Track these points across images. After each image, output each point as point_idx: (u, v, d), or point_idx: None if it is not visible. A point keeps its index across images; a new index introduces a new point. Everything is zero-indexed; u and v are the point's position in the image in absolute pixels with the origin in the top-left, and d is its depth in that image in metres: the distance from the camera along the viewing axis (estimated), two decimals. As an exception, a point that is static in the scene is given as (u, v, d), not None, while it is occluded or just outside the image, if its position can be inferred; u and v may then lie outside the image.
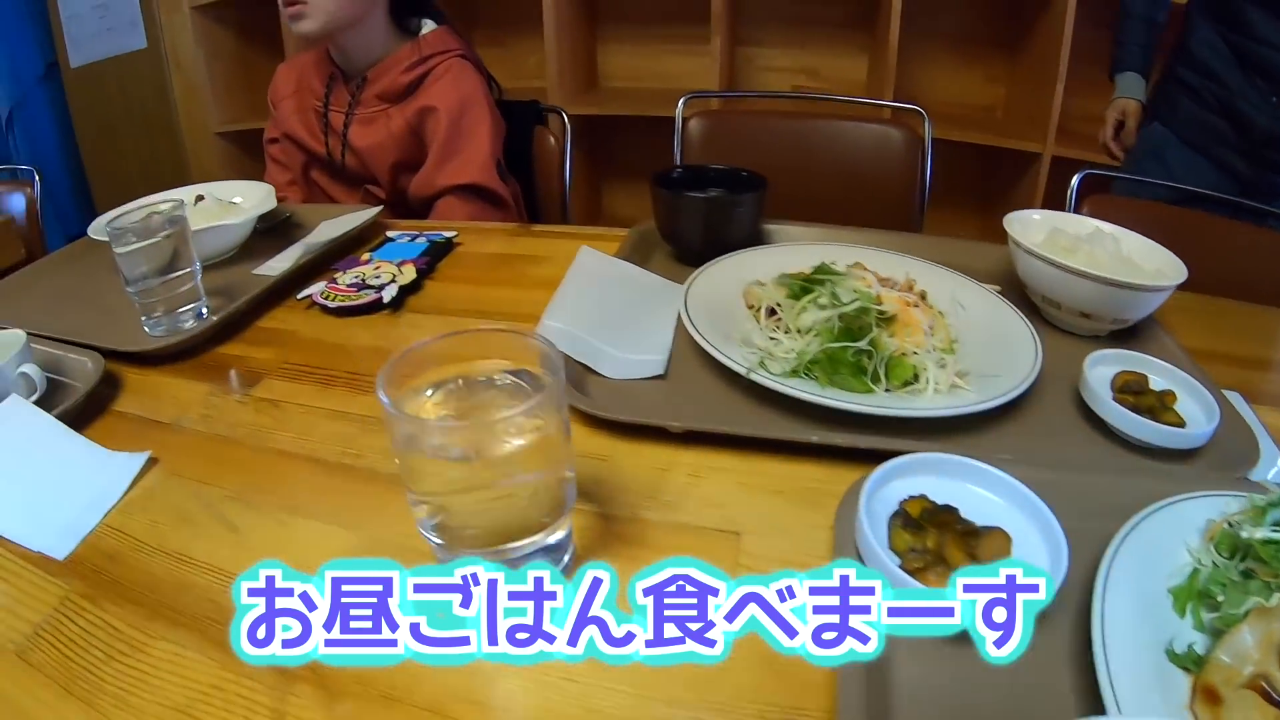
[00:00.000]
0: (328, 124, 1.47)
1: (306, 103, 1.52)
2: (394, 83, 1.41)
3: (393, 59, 1.42)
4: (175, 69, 3.40)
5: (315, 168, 1.56)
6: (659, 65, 3.14)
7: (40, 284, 1.19)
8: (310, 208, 1.37)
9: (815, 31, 3.00)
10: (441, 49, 1.43)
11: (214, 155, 3.52)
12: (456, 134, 1.40)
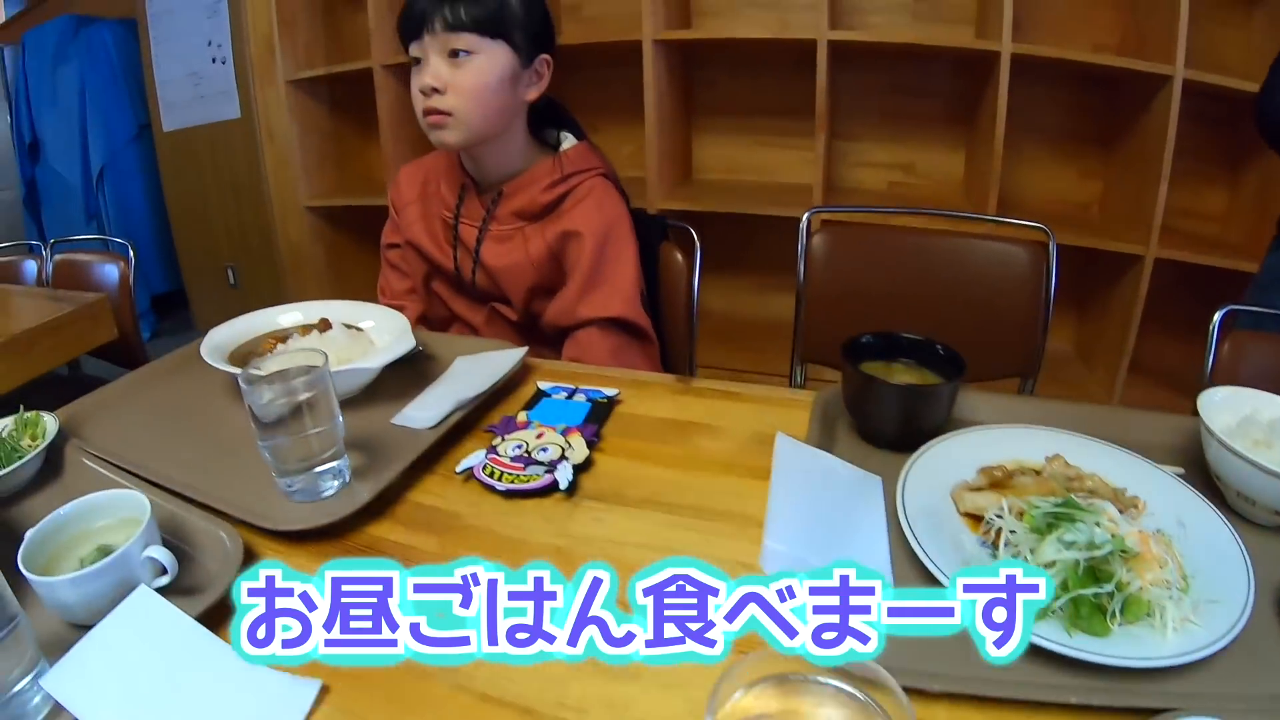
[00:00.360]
0: (457, 237, 1.37)
1: (433, 210, 1.41)
2: (533, 201, 1.31)
3: (531, 175, 1.32)
4: (267, 140, 3.42)
5: (438, 278, 1.46)
6: (754, 158, 3.07)
7: (148, 401, 1.10)
8: (442, 339, 1.27)
9: (912, 126, 2.91)
10: (583, 166, 1.33)
11: (302, 228, 3.51)
12: (600, 263, 1.30)
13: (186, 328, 4.19)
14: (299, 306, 1.26)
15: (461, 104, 1.20)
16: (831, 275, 1.68)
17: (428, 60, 1.19)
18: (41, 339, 1.77)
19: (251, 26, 3.33)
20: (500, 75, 1.21)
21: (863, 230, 1.79)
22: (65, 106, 4.06)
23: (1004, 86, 2.40)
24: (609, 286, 1.30)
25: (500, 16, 1.19)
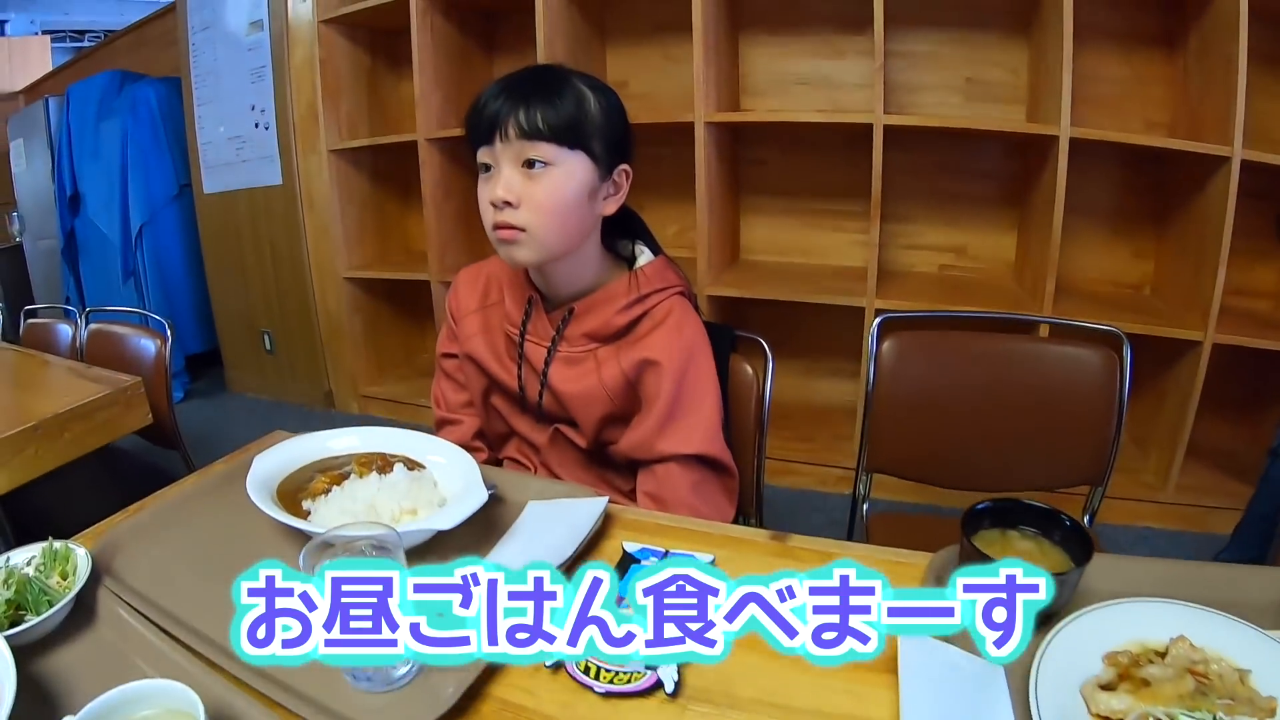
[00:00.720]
0: (523, 355, 1.26)
1: (495, 323, 1.30)
2: (607, 323, 1.19)
3: (606, 293, 1.20)
4: (308, 208, 3.38)
5: (499, 394, 1.34)
6: (802, 239, 3.00)
7: (189, 534, 0.99)
8: (512, 479, 1.15)
9: (963, 207, 2.83)
10: (661, 285, 1.21)
11: (340, 298, 3.46)
12: (681, 395, 1.18)
13: (220, 389, 4.15)
14: (354, 432, 1.15)
15: (536, 220, 1.08)
16: (899, 381, 1.58)
17: (499, 169, 1.07)
18: (72, 424, 1.68)
19: (295, 93, 3.31)
20: (578, 189, 1.10)
21: (932, 335, 1.70)
22: (107, 162, 4.04)
23: (1062, 172, 2.31)
24: (690, 420, 1.18)
25: (580, 125, 1.07)
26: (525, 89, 1.06)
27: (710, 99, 2.58)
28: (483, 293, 1.33)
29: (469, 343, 1.31)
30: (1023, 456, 1.58)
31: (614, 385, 1.18)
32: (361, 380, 3.56)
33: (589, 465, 1.27)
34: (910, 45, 2.72)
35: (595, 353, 1.20)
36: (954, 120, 2.57)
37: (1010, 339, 1.69)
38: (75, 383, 1.89)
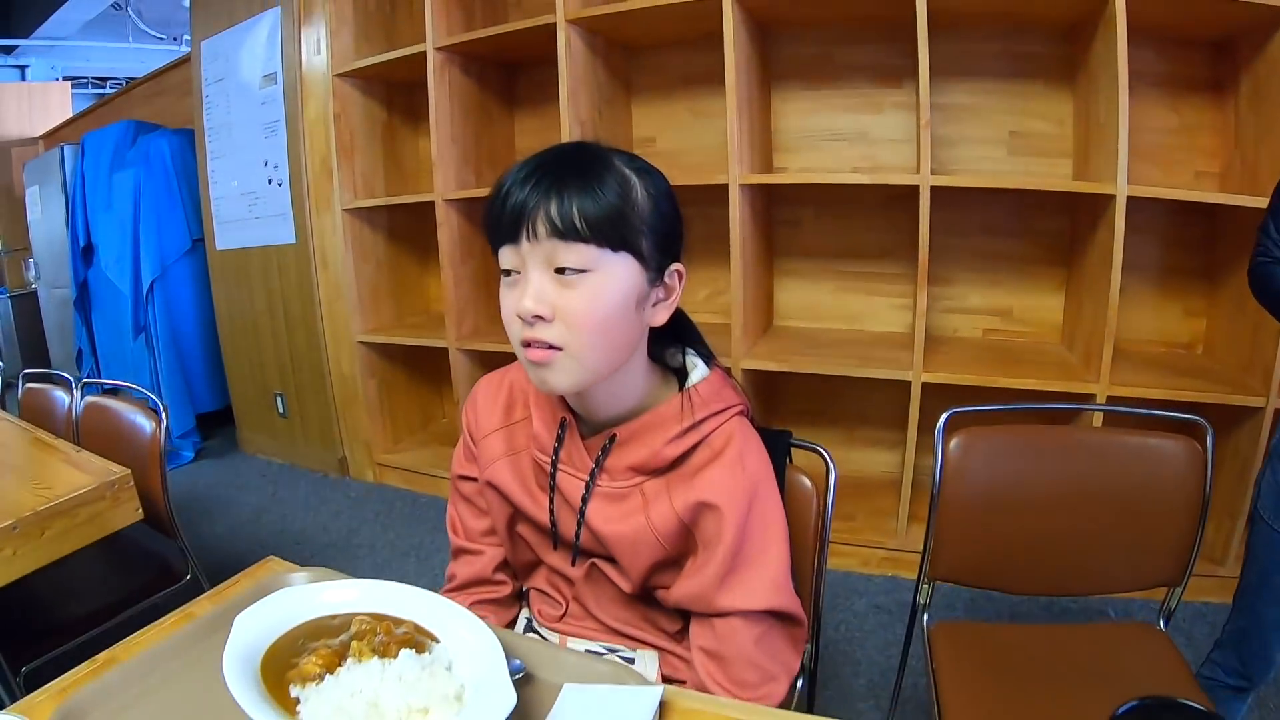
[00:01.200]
0: (555, 487, 1.04)
1: (521, 445, 1.09)
2: (656, 454, 0.97)
3: (655, 418, 0.98)
4: (321, 268, 3.22)
5: (525, 523, 1.12)
6: (839, 304, 2.82)
7: (164, 701, 0.83)
8: (542, 651, 0.94)
9: (1007, 268, 2.65)
10: (718, 407, 0.99)
11: (354, 361, 3.30)
12: (745, 543, 0.96)
13: (232, 449, 3.99)
14: (355, 585, 0.95)
15: (574, 337, 0.87)
16: (967, 481, 1.42)
17: (526, 275, 0.87)
18: (53, 521, 1.51)
19: (309, 149, 3.17)
20: (623, 298, 0.88)
21: (1002, 428, 1.51)
22: (120, 213, 3.91)
23: (1120, 233, 2.12)
24: (755, 571, 0.97)
25: (625, 220, 0.86)
26: (556, 175, 0.86)
27: (744, 158, 2.41)
28: (505, 408, 1.12)
29: (491, 469, 1.10)
30: (1096, 559, 1.42)
31: (666, 528, 0.97)
32: (377, 447, 3.39)
33: (630, 603, 1.06)
34: (950, 97, 2.56)
35: (641, 487, 0.99)
36: (1004, 180, 2.39)
37: (1088, 432, 1.53)
38: (61, 470, 1.71)
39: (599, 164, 0.87)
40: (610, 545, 1.01)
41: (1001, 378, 2.28)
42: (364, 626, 0.87)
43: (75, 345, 4.62)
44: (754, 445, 1.01)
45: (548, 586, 1.13)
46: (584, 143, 0.92)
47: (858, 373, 2.39)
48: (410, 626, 0.89)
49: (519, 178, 0.86)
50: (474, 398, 1.16)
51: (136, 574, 1.93)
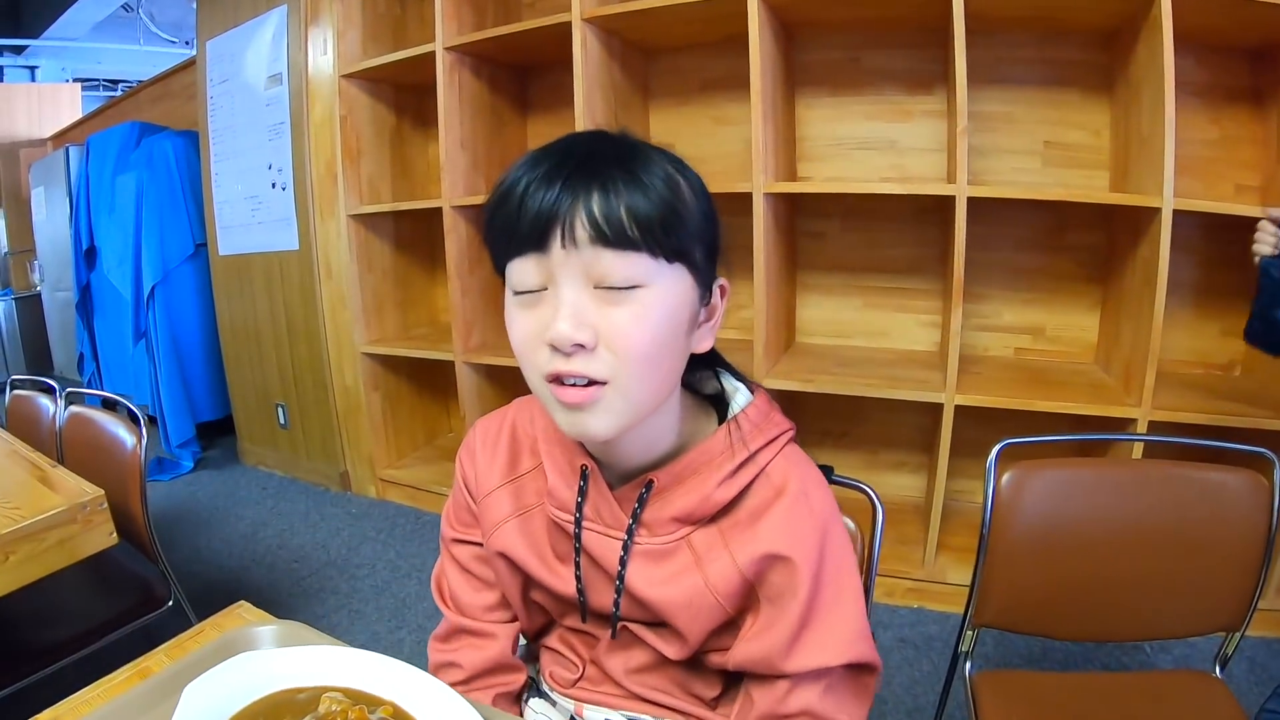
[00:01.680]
0: (581, 550, 0.84)
1: (531, 501, 0.89)
2: (706, 500, 0.78)
3: (701, 456, 0.79)
4: (325, 276, 3.08)
5: (542, 592, 0.91)
6: (864, 320, 2.67)
7: None
8: None
9: (1040, 284, 2.50)
10: (772, 433, 0.81)
11: (356, 373, 3.15)
12: (819, 595, 0.78)
13: (232, 460, 3.85)
14: (326, 652, 0.79)
15: (622, 368, 0.68)
16: (1019, 521, 1.29)
17: (557, 291, 0.68)
18: (18, 546, 1.36)
19: (314, 152, 3.03)
20: (677, 318, 0.71)
21: (1055, 461, 1.37)
22: (122, 217, 3.79)
23: (1165, 248, 1.96)
24: (834, 625, 0.78)
25: (680, 225, 0.68)
26: (593, 168, 0.67)
27: (768, 166, 2.27)
28: (509, 459, 0.91)
29: (498, 535, 0.89)
30: (1152, 603, 1.29)
31: (728, 588, 0.79)
32: (380, 462, 3.24)
33: (666, 668, 0.87)
34: (983, 105, 2.41)
35: (689, 540, 0.80)
36: (1044, 191, 2.24)
37: (1149, 465, 1.39)
38: (33, 488, 1.55)
39: (641, 155, 0.69)
40: (661, 612, 0.82)
41: (1037, 400, 2.13)
42: (334, 707, 0.72)
43: (78, 349, 4.51)
44: (814, 476, 0.83)
45: (561, 645, 0.96)
46: (609, 132, 0.73)
47: (887, 394, 2.24)
48: (389, 710, 0.74)
49: (540, 174, 0.67)
50: (469, 446, 0.95)
51: (117, 597, 1.79)
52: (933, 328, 2.56)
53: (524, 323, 0.70)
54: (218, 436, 4.03)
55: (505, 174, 0.70)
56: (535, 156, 0.70)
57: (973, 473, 2.55)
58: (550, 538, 0.87)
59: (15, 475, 1.68)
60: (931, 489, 2.34)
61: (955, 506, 2.57)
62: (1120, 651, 2.09)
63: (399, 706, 0.74)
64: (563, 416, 0.72)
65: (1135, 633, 1.37)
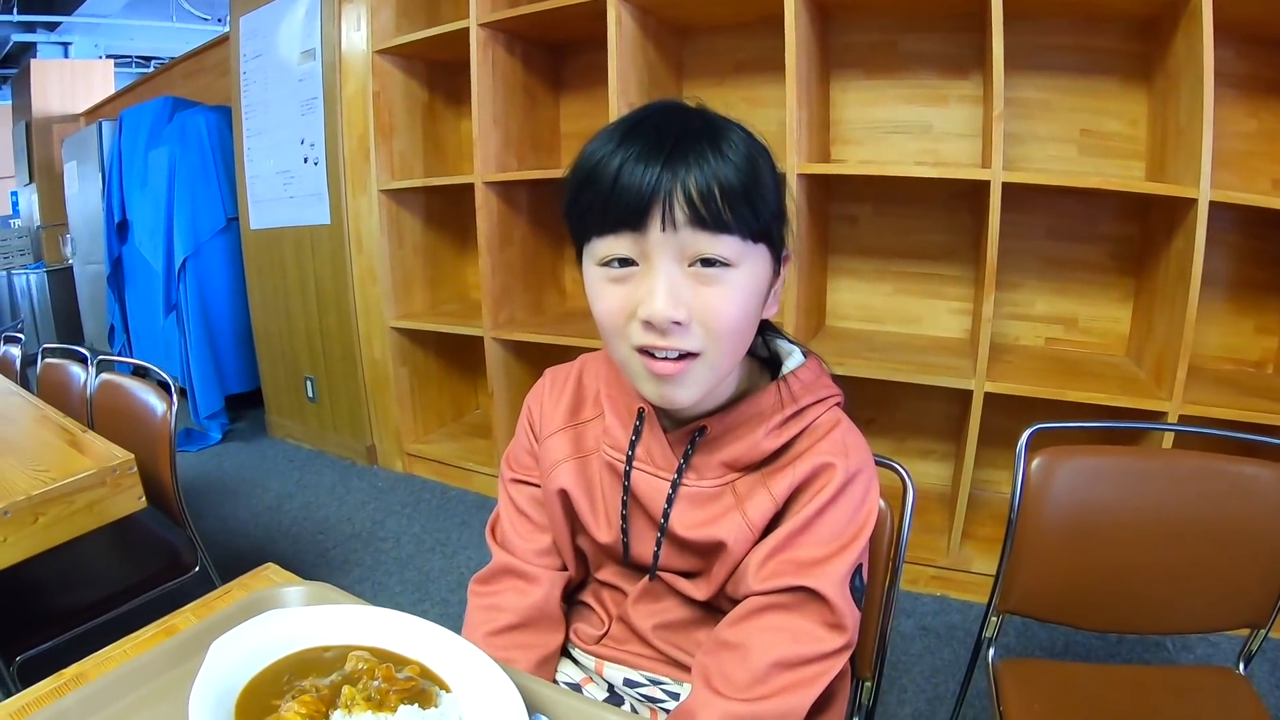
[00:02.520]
0: (629, 491, 0.87)
1: (590, 447, 0.92)
2: (754, 448, 0.81)
3: (752, 408, 0.82)
4: (356, 251, 3.07)
5: (586, 538, 0.94)
6: (895, 306, 2.63)
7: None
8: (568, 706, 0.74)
9: (1073, 274, 2.44)
10: (819, 395, 0.84)
11: (385, 348, 3.14)
12: (822, 517, 0.79)
13: (260, 433, 3.86)
14: (354, 611, 0.79)
15: (714, 344, 0.72)
16: (1049, 507, 1.26)
17: (654, 269, 0.70)
18: (47, 508, 1.37)
19: (346, 128, 3.01)
20: (760, 294, 0.75)
21: (1088, 449, 1.34)
22: (154, 191, 3.80)
23: (1200, 241, 1.91)
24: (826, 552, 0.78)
25: (767, 206, 0.71)
26: (689, 146, 0.68)
27: (802, 148, 2.23)
28: (572, 407, 0.95)
29: (555, 474, 0.92)
30: (1180, 596, 1.27)
31: (763, 520, 0.81)
32: (407, 436, 3.23)
33: (688, 627, 0.89)
34: (1019, 91, 2.35)
35: (733, 486, 0.83)
36: (1080, 179, 2.20)
37: (1182, 456, 1.35)
38: (64, 452, 1.57)
39: (727, 134, 0.70)
40: (699, 551, 0.85)
41: (1068, 390, 2.09)
42: (361, 665, 0.71)
43: (108, 321, 4.54)
44: (857, 438, 0.84)
45: (592, 600, 0.97)
46: (688, 105, 0.74)
47: (917, 379, 2.20)
48: (416, 669, 0.73)
49: (634, 152, 0.68)
50: (538, 392, 0.99)
51: (145, 562, 1.80)
52: (964, 315, 2.52)
53: (613, 297, 0.72)
54: (245, 409, 4.04)
55: (590, 149, 0.72)
56: (623, 132, 0.71)
57: (1000, 463, 2.52)
58: (602, 482, 0.89)
59: (45, 439, 1.69)
60: (958, 477, 2.31)
61: (981, 496, 2.53)
62: (1142, 648, 2.05)
63: (426, 666, 0.74)
64: (650, 386, 0.75)
65: (1160, 625, 1.34)
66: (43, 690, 0.78)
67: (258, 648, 0.73)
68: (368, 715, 0.65)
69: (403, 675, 0.71)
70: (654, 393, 0.76)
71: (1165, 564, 1.25)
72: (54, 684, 0.79)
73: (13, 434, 1.74)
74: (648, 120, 0.71)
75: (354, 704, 0.66)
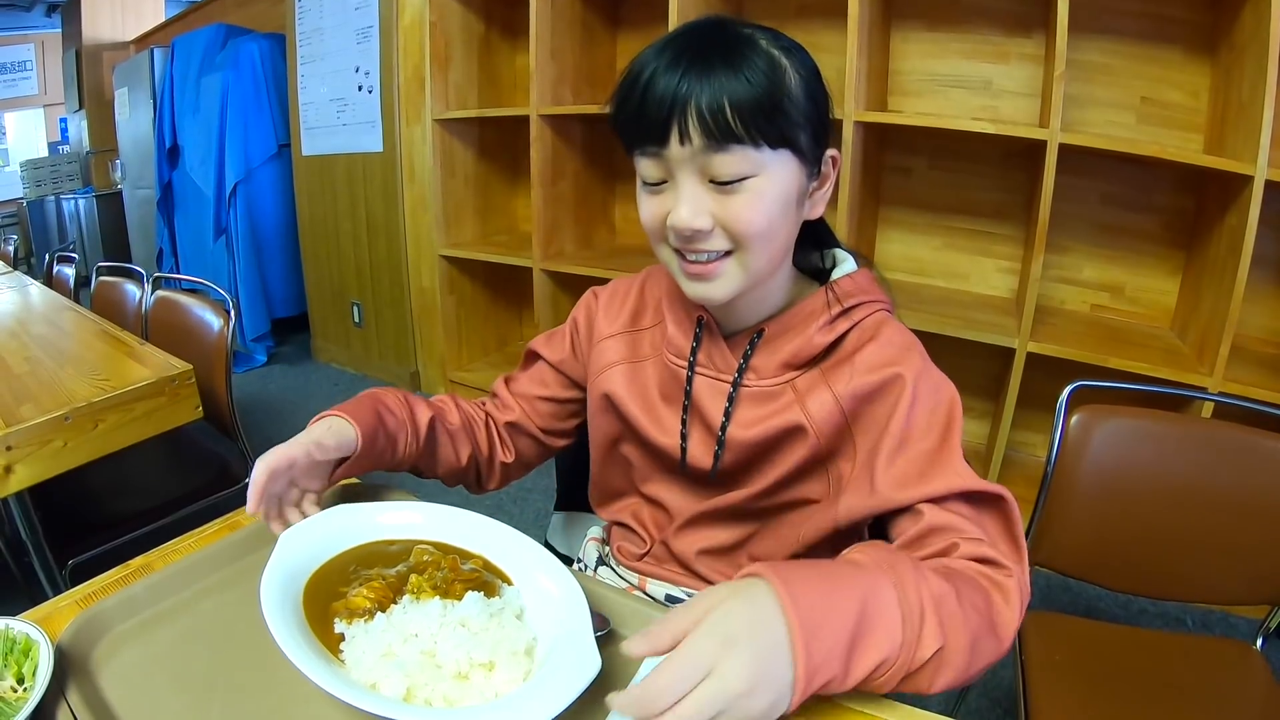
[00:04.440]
0: (690, 397, 0.87)
1: (646, 352, 0.93)
2: (809, 343, 0.81)
3: (801, 309, 0.82)
4: (408, 179, 3.06)
5: (635, 445, 0.94)
6: (942, 260, 2.58)
7: (190, 624, 0.72)
8: (628, 608, 0.74)
9: (1124, 243, 2.38)
10: (866, 298, 0.83)
11: (434, 276, 3.13)
12: (914, 413, 0.77)
13: (305, 357, 3.88)
14: (418, 508, 0.81)
15: (742, 245, 0.75)
16: (1086, 464, 1.26)
17: (677, 184, 0.73)
18: (107, 414, 1.39)
19: (402, 57, 2.97)
20: (786, 199, 0.75)
21: (1131, 410, 1.32)
22: (206, 116, 3.78)
23: (1254, 219, 1.86)
24: (933, 456, 0.75)
25: (783, 115, 0.72)
26: (702, 64, 0.70)
27: (860, 96, 2.17)
28: (633, 313, 0.96)
29: (604, 377, 0.93)
30: (1207, 566, 1.27)
31: (825, 421, 0.80)
32: (450, 364, 3.24)
33: (729, 552, 0.90)
34: (1082, 54, 2.28)
35: (793, 384, 0.82)
36: (1138, 146, 2.15)
37: (1221, 426, 1.33)
38: (123, 363, 1.59)
39: (746, 46, 0.71)
40: (759, 450, 0.84)
41: (1110, 357, 2.05)
42: (426, 558, 0.73)
43: (157, 245, 4.55)
44: (906, 337, 0.83)
45: (633, 520, 0.98)
46: (722, 19, 0.75)
47: (960, 334, 2.17)
48: (479, 563, 0.75)
49: (658, 63, 0.71)
50: (598, 294, 1.00)
51: (195, 473, 1.82)
52: (1011, 275, 2.48)
53: (651, 206, 0.77)
54: (291, 333, 4.07)
55: (633, 62, 0.74)
56: (655, 46, 0.74)
57: (1037, 425, 2.50)
58: (661, 387, 0.90)
59: (104, 351, 1.71)
60: (994, 436, 2.29)
61: (1016, 457, 2.51)
62: (1162, 622, 2.04)
63: (489, 560, 0.76)
64: (688, 284, 0.79)
65: (1182, 593, 1.32)
66: (109, 579, 0.79)
67: (326, 539, 0.75)
68: (435, 601, 0.66)
69: (467, 567, 0.73)
70: (691, 290, 0.80)
71: (1193, 532, 1.25)
72: (120, 574, 0.79)
73: (71, 346, 1.77)
74: (679, 35, 0.73)
75: (421, 591, 0.68)
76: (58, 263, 2.97)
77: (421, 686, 0.59)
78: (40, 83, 8.01)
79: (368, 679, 0.59)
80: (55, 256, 3.03)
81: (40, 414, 1.31)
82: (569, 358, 1.00)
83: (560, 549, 1.23)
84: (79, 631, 0.68)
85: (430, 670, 0.60)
